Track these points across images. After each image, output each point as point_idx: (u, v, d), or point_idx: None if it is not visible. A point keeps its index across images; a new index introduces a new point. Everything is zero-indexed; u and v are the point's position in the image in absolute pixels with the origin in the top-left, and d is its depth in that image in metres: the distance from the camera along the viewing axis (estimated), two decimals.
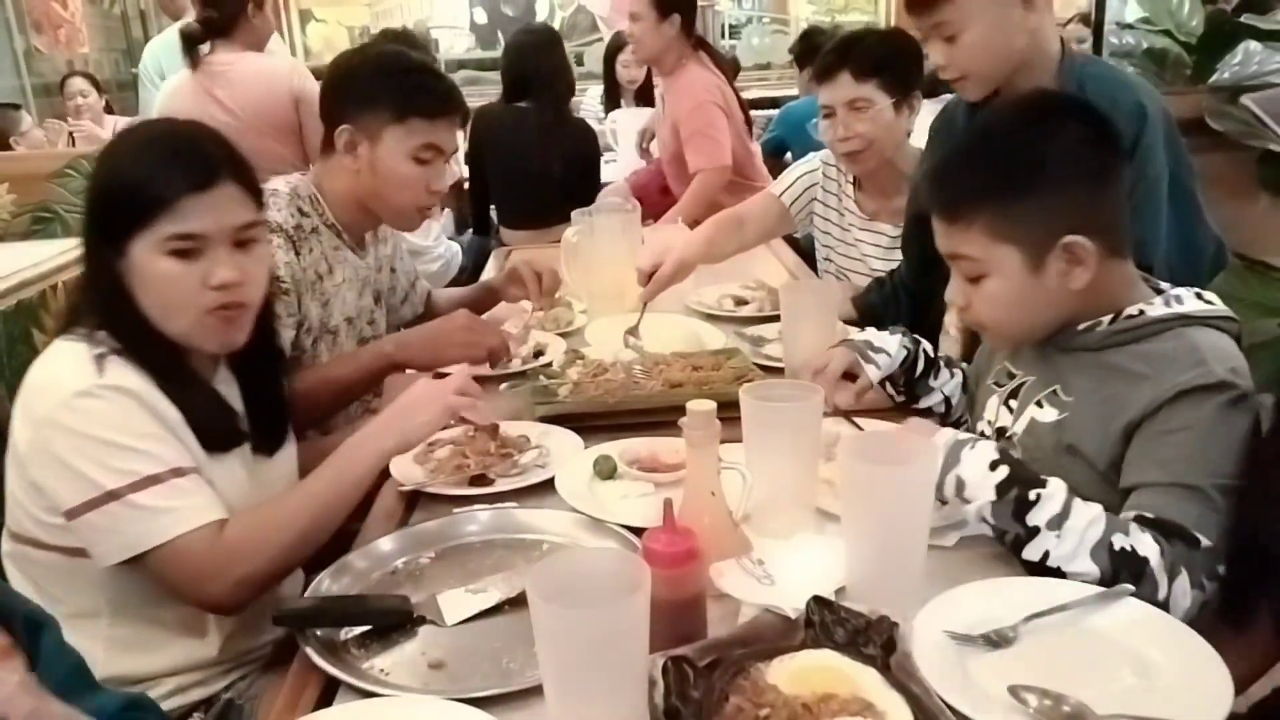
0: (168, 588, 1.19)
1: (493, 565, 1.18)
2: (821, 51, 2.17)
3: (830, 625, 0.92)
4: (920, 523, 1.03)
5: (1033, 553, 1.07)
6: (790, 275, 2.52)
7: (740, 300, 2.21)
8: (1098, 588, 1.03)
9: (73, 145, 4.03)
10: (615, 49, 4.69)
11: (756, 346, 1.90)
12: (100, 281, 1.22)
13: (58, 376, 1.18)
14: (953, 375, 1.54)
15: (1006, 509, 1.08)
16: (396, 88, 1.72)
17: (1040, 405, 1.26)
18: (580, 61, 3.67)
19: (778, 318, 1.84)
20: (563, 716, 0.84)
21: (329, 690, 0.99)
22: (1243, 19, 3.27)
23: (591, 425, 1.53)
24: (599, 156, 3.72)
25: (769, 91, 6.08)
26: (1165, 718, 0.83)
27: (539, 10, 7.06)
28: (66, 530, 1.17)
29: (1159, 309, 1.18)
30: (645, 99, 4.56)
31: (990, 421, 1.36)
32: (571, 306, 2.19)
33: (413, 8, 6.43)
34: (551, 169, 3.40)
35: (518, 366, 1.85)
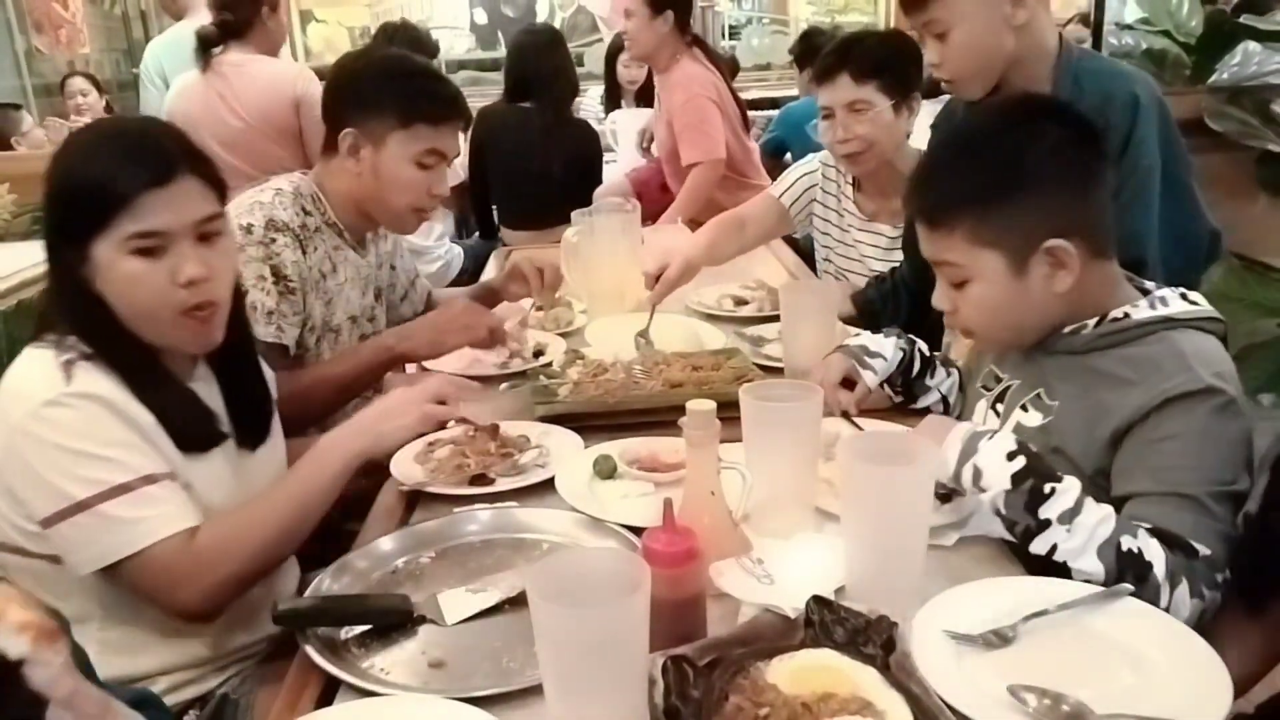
0: (142, 596, 1.18)
1: (493, 565, 1.18)
2: (821, 53, 2.17)
3: (830, 625, 0.92)
4: (920, 523, 1.03)
5: (1040, 546, 1.07)
6: (790, 275, 2.53)
7: (740, 300, 2.22)
8: (1097, 587, 1.02)
9: None
10: (616, 49, 4.69)
11: (756, 346, 1.90)
12: (65, 286, 1.19)
13: (26, 385, 1.16)
14: (949, 374, 1.54)
15: (1020, 500, 1.08)
16: (401, 93, 1.72)
17: (1025, 409, 1.26)
18: (580, 62, 3.67)
19: (778, 318, 1.84)
20: (563, 716, 0.84)
21: (329, 689, 0.99)
22: (1242, 19, 3.27)
23: (591, 425, 1.53)
24: (600, 157, 3.71)
25: (769, 92, 6.08)
26: (1164, 718, 0.83)
27: (539, 10, 7.06)
28: (46, 539, 1.16)
29: (1144, 312, 1.18)
30: (646, 99, 4.55)
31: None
32: (571, 306, 2.19)
33: (413, 8, 6.43)
34: (552, 169, 3.41)
35: (518, 366, 1.85)
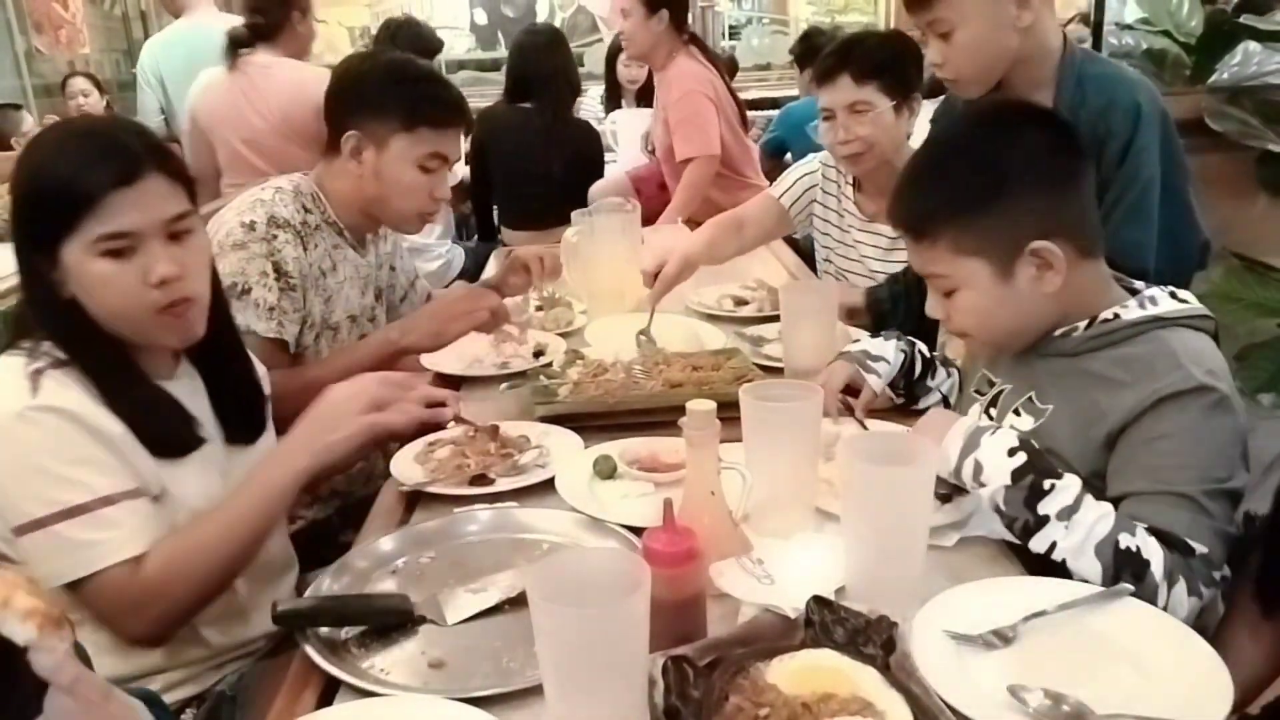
0: (93, 618, 1.16)
1: (493, 565, 1.18)
2: (821, 54, 2.17)
3: (830, 625, 0.92)
4: (920, 523, 1.03)
5: (1040, 543, 1.07)
6: (790, 275, 2.53)
7: (740, 300, 2.22)
8: (1098, 587, 1.02)
9: None
10: (616, 50, 4.69)
11: (756, 346, 1.90)
12: (36, 291, 1.17)
13: None
14: (949, 375, 1.54)
15: (1019, 495, 1.08)
16: (406, 96, 1.72)
17: (1018, 413, 1.26)
18: (581, 62, 3.68)
19: (778, 318, 1.84)
20: (563, 716, 0.84)
21: (329, 689, 0.99)
22: (1242, 19, 3.27)
23: (591, 425, 1.53)
24: (601, 157, 3.72)
25: (769, 92, 6.07)
26: (1165, 718, 0.83)
27: (539, 10, 7.07)
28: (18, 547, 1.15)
29: (1134, 312, 1.18)
30: (646, 99, 4.55)
31: None
32: (571, 306, 2.19)
33: (413, 8, 6.43)
34: (553, 170, 3.41)
35: (518, 366, 1.85)
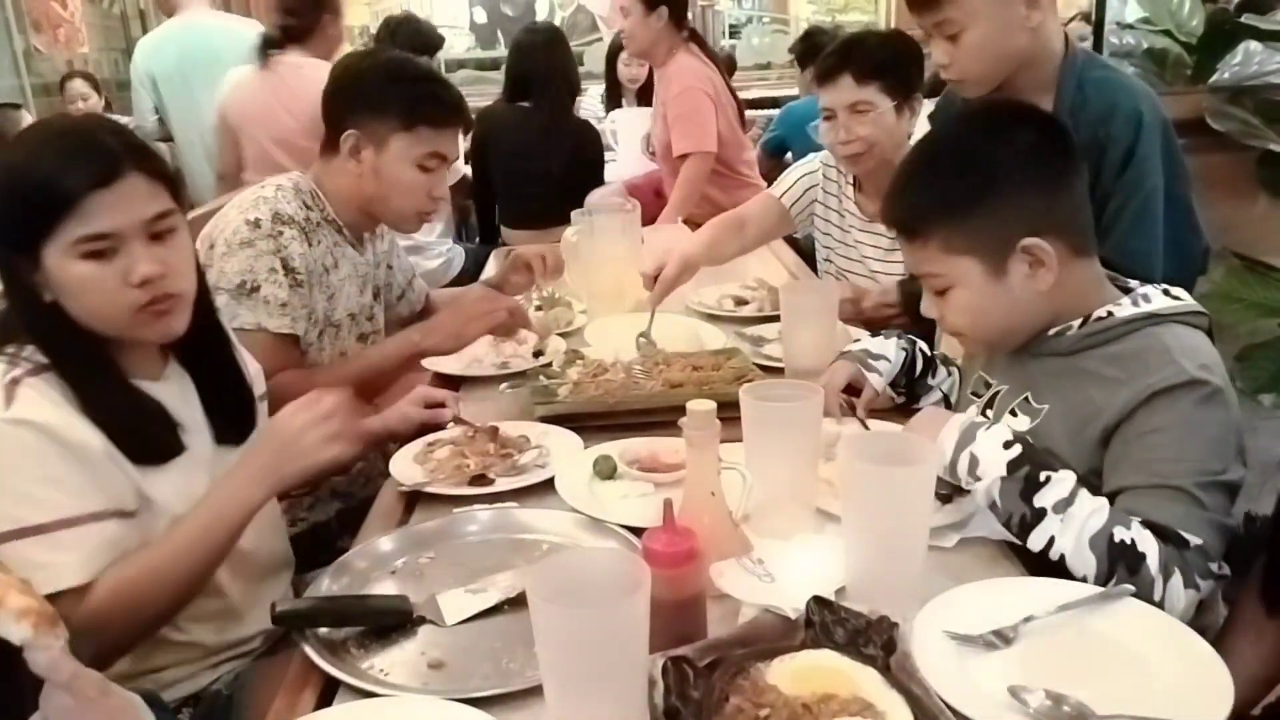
0: None
1: (492, 565, 1.18)
2: (822, 54, 2.17)
3: (830, 625, 0.92)
4: (920, 523, 1.03)
5: (1038, 539, 1.07)
6: (790, 275, 2.53)
7: (740, 300, 2.22)
8: (1097, 588, 1.02)
9: None
10: (616, 49, 4.69)
11: (756, 346, 1.90)
12: (17, 295, 1.16)
13: None
14: (949, 373, 1.54)
15: (1015, 487, 1.08)
16: (406, 96, 1.72)
17: (1014, 414, 1.26)
18: (581, 61, 3.68)
19: (778, 318, 1.84)
20: (562, 717, 0.84)
21: (328, 690, 0.99)
22: (1243, 19, 3.26)
23: (591, 425, 1.53)
24: (601, 157, 3.71)
25: (769, 91, 6.07)
26: (1165, 718, 0.83)
27: (539, 10, 7.06)
28: None
29: (1127, 309, 1.19)
30: (646, 99, 4.55)
31: None
32: (571, 306, 2.19)
33: (413, 7, 6.42)
34: (553, 169, 3.41)
35: (518, 366, 1.85)
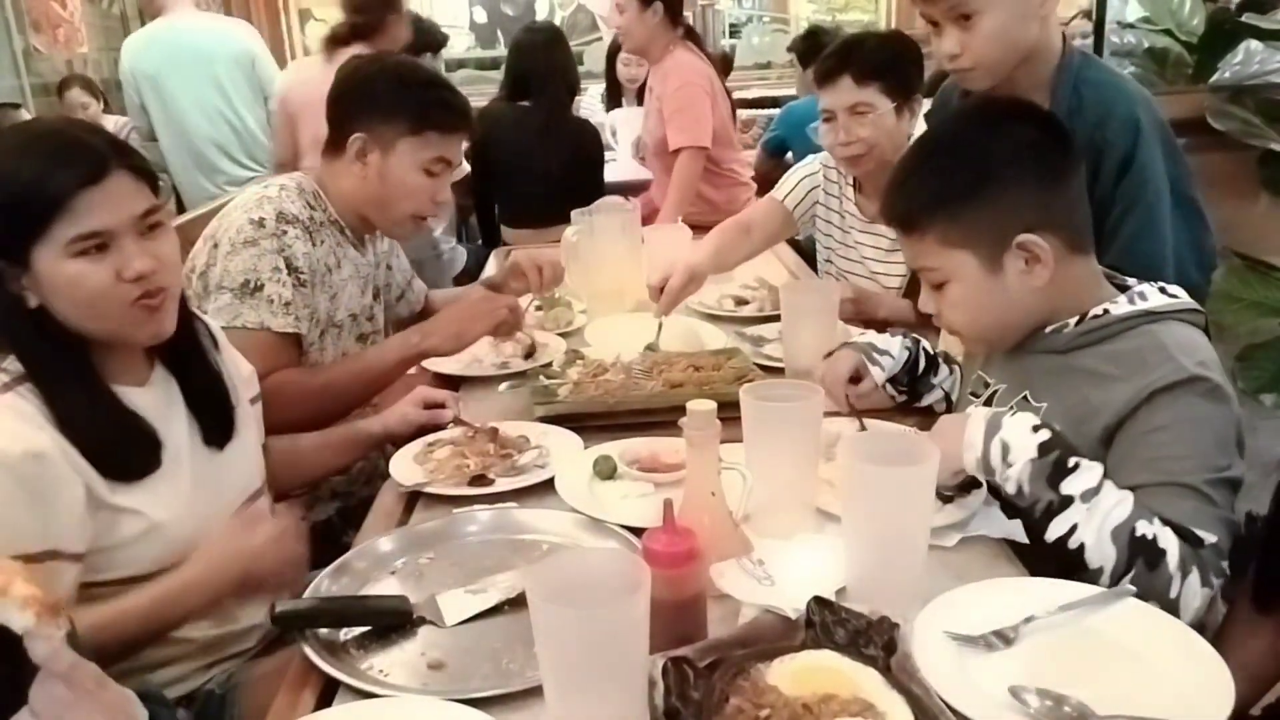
0: None
1: (492, 565, 1.18)
2: (821, 55, 2.16)
3: (831, 626, 0.92)
4: (921, 523, 1.03)
5: (1059, 527, 1.06)
6: (790, 275, 2.53)
7: (740, 300, 2.22)
8: (1099, 588, 1.02)
9: None
10: (616, 48, 4.69)
11: (756, 346, 1.90)
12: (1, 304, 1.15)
13: None
14: (951, 372, 1.55)
15: (1044, 471, 1.07)
16: (414, 101, 1.73)
17: (1014, 414, 1.25)
18: (580, 61, 3.68)
19: (778, 318, 1.84)
20: (562, 717, 0.84)
21: (328, 690, 0.99)
22: (1244, 18, 3.25)
23: (591, 425, 1.53)
24: (601, 156, 3.71)
25: (769, 91, 6.07)
26: (1165, 718, 0.83)
27: (539, 9, 7.06)
28: None
29: (1123, 307, 1.18)
30: None
31: None
32: (571, 306, 2.19)
33: (413, 7, 6.42)
34: (552, 168, 3.41)
35: (517, 366, 1.85)
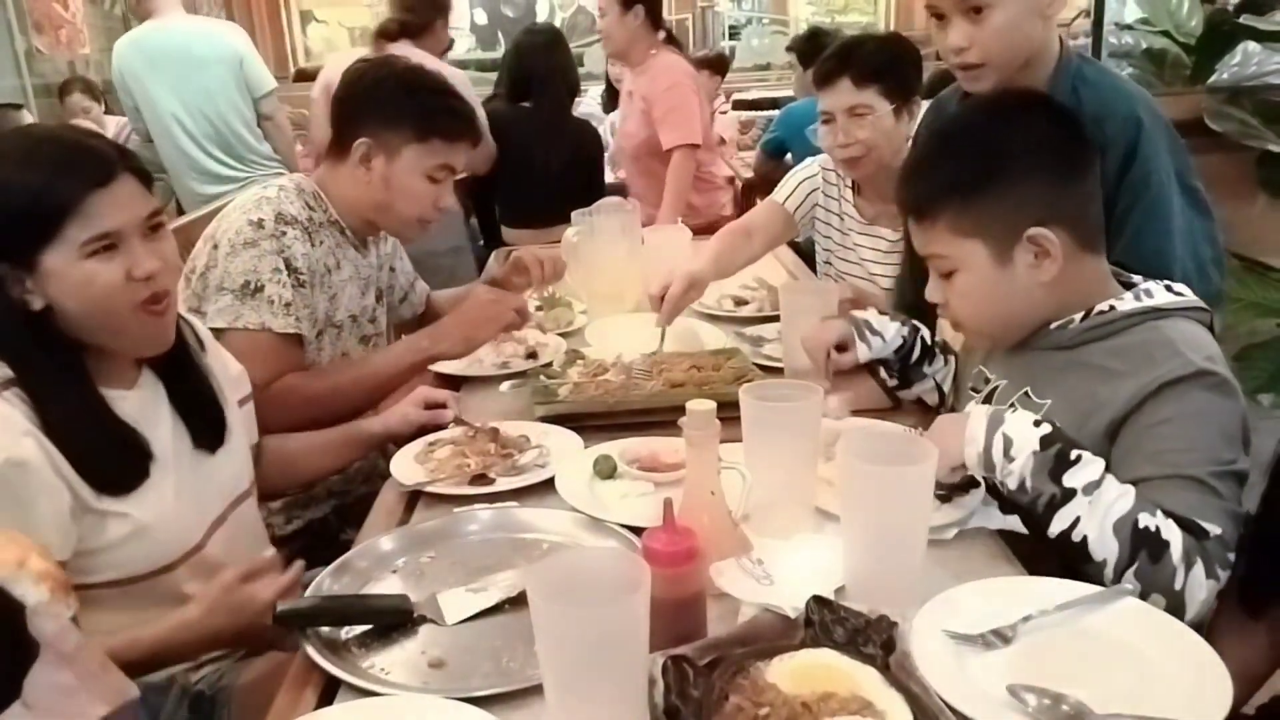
0: None
1: (493, 564, 1.18)
2: (820, 57, 2.17)
3: (830, 624, 0.92)
4: (919, 522, 1.04)
5: (1062, 520, 1.06)
6: (790, 275, 2.52)
7: (740, 300, 2.22)
8: (1097, 587, 1.02)
9: None
10: None
11: (756, 346, 1.90)
12: None
13: None
14: (947, 362, 1.54)
15: (1047, 464, 1.07)
16: (421, 108, 1.73)
17: (1013, 408, 1.26)
18: (580, 62, 3.68)
19: (777, 318, 1.84)
20: (563, 715, 0.84)
21: (329, 689, 0.99)
22: (1242, 20, 3.26)
23: (591, 425, 1.54)
24: (601, 156, 3.72)
25: (769, 92, 6.08)
26: (1164, 718, 0.83)
27: (539, 10, 7.07)
28: None
29: (1129, 304, 1.19)
30: None
31: None
32: (571, 306, 2.19)
33: None
34: (552, 169, 3.41)
35: (518, 366, 1.85)
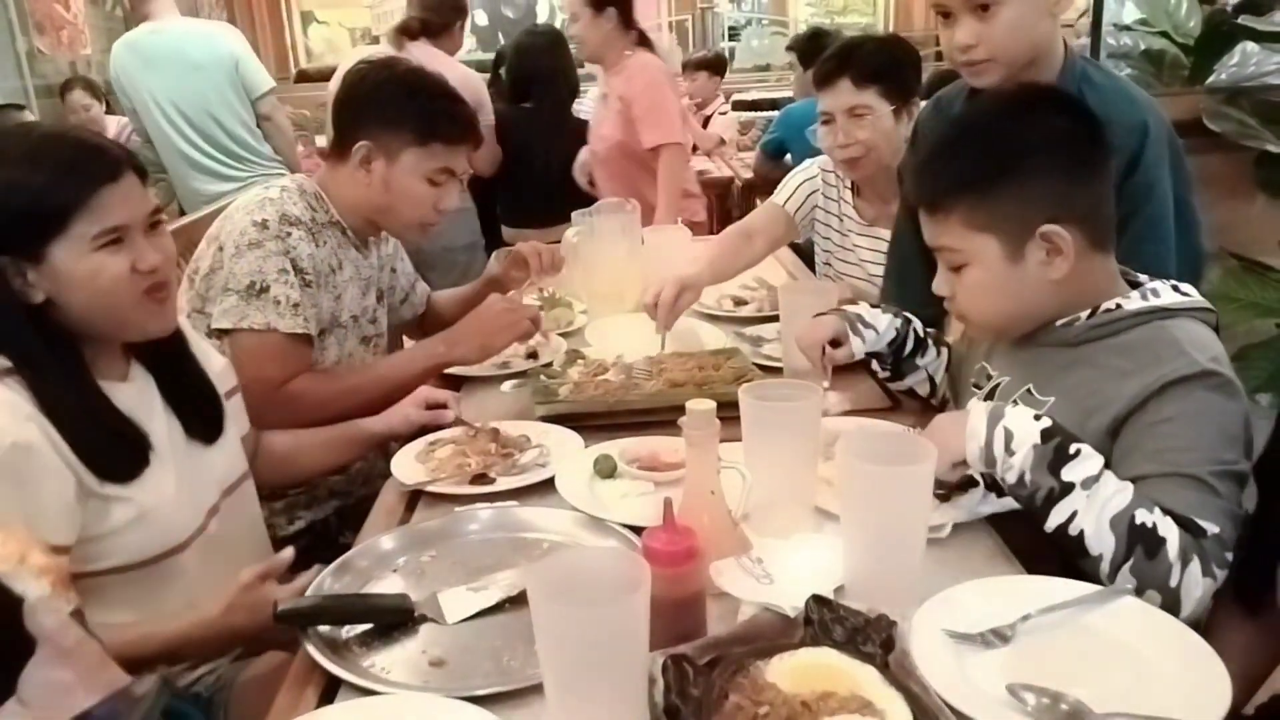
0: None
1: (493, 564, 1.18)
2: (820, 58, 2.17)
3: (829, 623, 0.92)
4: (918, 522, 1.04)
5: (1059, 514, 1.06)
6: (789, 276, 2.53)
7: (740, 300, 2.22)
8: (1097, 586, 1.03)
9: None
10: None
11: (756, 346, 1.91)
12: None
13: None
14: (939, 354, 1.54)
15: (1046, 457, 1.07)
16: (422, 111, 1.73)
17: (1015, 405, 1.26)
18: (580, 63, 3.68)
19: (777, 318, 1.84)
20: (563, 714, 0.84)
21: (330, 688, 0.99)
22: (1240, 20, 3.26)
23: (592, 425, 1.54)
24: None
25: (769, 93, 6.08)
26: (1163, 717, 0.83)
27: (539, 11, 7.08)
28: None
29: (1136, 303, 1.19)
30: None
31: None
32: (571, 306, 2.19)
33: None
34: (553, 168, 3.41)
35: (518, 366, 1.86)
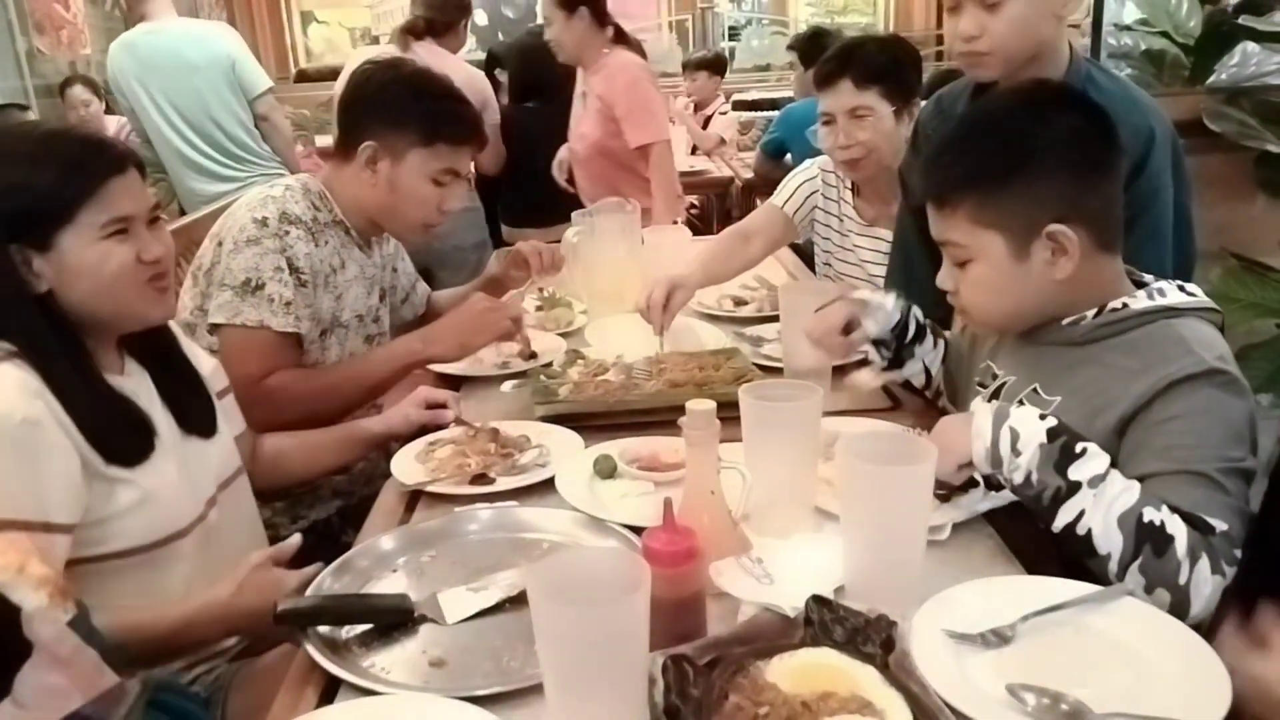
0: None
1: (493, 564, 1.18)
2: (821, 59, 2.17)
3: (829, 624, 0.92)
4: (919, 522, 1.04)
5: (1067, 514, 1.05)
6: (789, 276, 2.53)
7: (740, 300, 2.23)
8: (1096, 587, 1.03)
9: None
10: None
11: (756, 346, 1.91)
12: (5, 290, 1.18)
13: None
14: (936, 345, 1.53)
15: (1053, 456, 1.06)
16: (427, 112, 1.73)
17: (1021, 404, 1.26)
18: None
19: (777, 318, 1.84)
20: (563, 715, 0.84)
21: (330, 688, 0.99)
22: (1241, 20, 3.26)
23: (592, 425, 1.54)
24: None
25: (769, 93, 6.08)
26: (1163, 717, 0.83)
27: (539, 11, 7.06)
28: None
29: (1142, 302, 1.19)
30: None
31: None
32: (571, 306, 2.19)
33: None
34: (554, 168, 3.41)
35: (518, 366, 1.86)
